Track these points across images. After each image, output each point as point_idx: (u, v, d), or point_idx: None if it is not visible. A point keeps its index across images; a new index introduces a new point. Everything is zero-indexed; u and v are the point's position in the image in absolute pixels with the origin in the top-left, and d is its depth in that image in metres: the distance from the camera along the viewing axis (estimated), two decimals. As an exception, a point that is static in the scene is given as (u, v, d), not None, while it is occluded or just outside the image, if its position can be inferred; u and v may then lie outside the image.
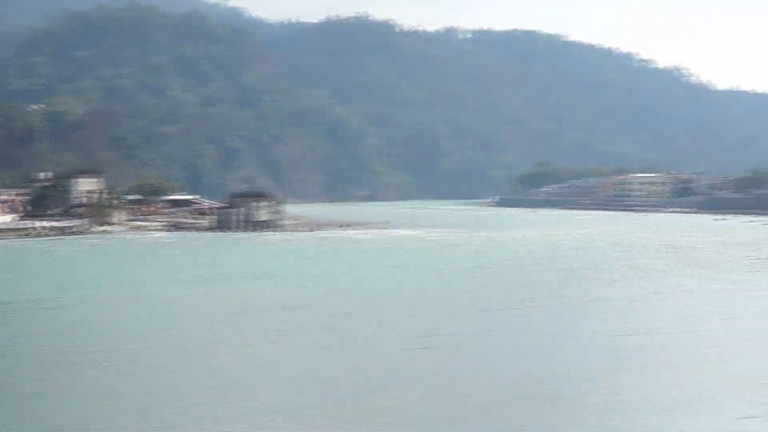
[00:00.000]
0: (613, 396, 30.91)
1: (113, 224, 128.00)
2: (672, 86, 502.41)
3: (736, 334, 43.38)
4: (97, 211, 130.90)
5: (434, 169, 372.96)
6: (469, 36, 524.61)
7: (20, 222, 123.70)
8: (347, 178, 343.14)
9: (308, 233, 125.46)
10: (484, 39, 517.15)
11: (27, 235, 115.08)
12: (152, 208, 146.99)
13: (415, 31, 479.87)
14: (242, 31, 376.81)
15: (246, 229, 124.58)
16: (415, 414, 28.80)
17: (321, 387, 31.81)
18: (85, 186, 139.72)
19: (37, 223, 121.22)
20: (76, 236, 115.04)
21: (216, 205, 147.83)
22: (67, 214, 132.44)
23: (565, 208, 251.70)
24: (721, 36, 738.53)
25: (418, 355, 38.13)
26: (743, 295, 58.58)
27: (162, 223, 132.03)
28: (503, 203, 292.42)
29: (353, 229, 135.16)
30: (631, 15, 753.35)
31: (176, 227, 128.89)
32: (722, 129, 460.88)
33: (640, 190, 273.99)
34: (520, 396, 30.93)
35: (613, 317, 48.82)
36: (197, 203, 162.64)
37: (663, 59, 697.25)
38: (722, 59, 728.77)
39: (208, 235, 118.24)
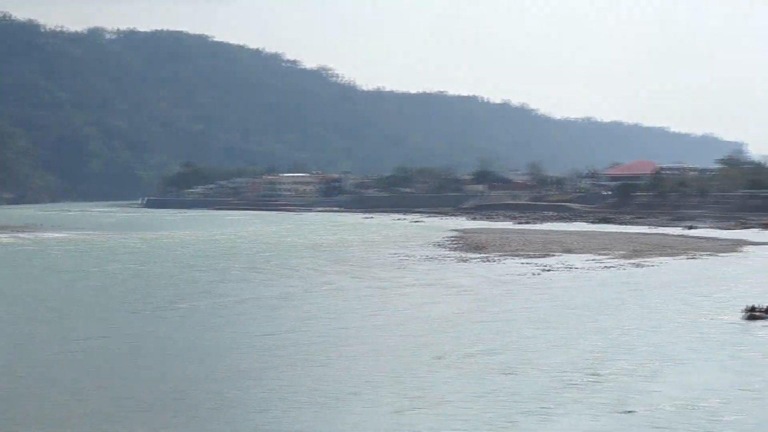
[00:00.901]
0: (271, 393, 30.72)
1: None
2: (319, 87, 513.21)
3: (385, 330, 44.04)
4: None
5: (82, 170, 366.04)
6: (114, 37, 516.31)
7: None
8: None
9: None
10: (131, 39, 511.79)
11: None
12: None
13: (60, 32, 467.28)
14: None
15: None
16: (67, 416, 27.66)
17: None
18: None
19: None
20: None
21: None
22: None
23: (215, 209, 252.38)
24: (365, 37, 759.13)
25: (71, 358, 36.71)
26: (391, 292, 59.74)
27: None
28: (151, 204, 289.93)
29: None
30: (276, 15, 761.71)
31: None
32: (369, 128, 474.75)
33: (289, 189, 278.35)
34: (176, 397, 30.30)
35: (267, 316, 48.73)
36: None
37: (309, 60, 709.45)
38: (367, 60, 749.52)
39: None
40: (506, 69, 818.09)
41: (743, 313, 46.74)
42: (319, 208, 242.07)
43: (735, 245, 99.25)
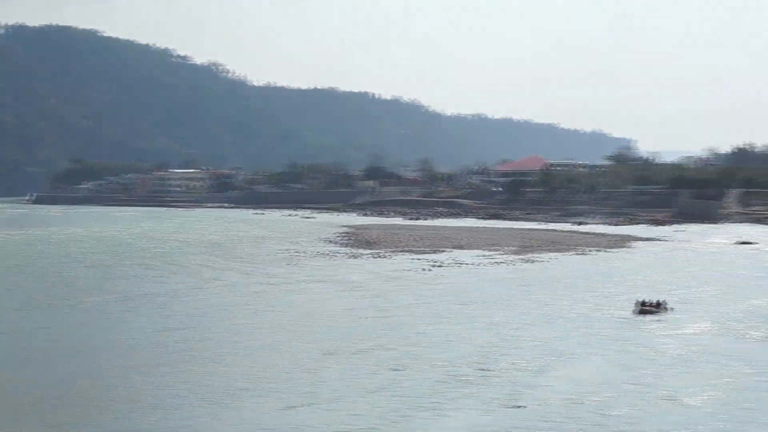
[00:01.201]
0: (163, 390, 30.69)
1: None
2: (210, 82, 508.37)
3: (277, 326, 43.94)
4: None
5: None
6: (2, 31, 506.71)
7: None
8: None
9: None
10: (19, 34, 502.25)
11: None
12: None
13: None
14: None
15: None
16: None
17: None
18: None
19: None
20: None
21: None
22: None
23: (105, 205, 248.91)
24: (256, 33, 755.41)
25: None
26: (282, 288, 59.58)
27: None
28: (40, 201, 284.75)
29: None
30: (166, 10, 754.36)
31: None
32: (261, 124, 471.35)
33: (180, 185, 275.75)
34: (66, 394, 30.12)
35: (158, 312, 48.29)
36: None
37: (200, 55, 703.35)
38: (257, 55, 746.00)
39: None
40: (397, 65, 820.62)
41: (634, 308, 47.60)
42: (210, 205, 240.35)
43: (623, 241, 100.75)
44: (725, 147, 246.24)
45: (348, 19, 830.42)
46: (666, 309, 47.76)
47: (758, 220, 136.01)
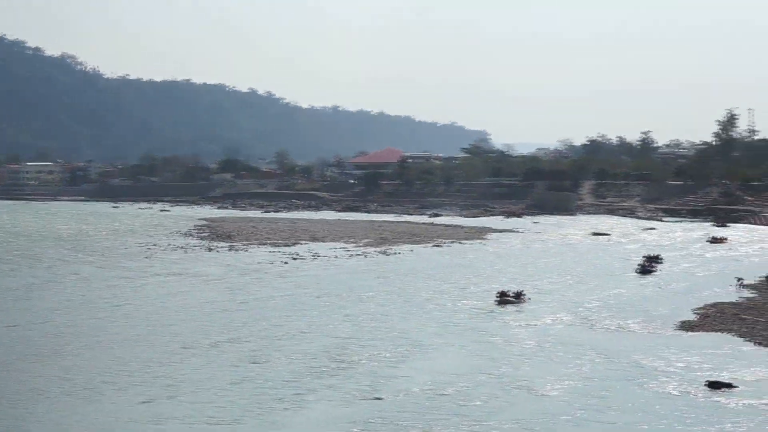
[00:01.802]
0: (21, 385, 30.32)
1: None
2: (63, 74, 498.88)
3: (134, 319, 43.60)
4: None
5: None
6: None
7: None
8: None
9: None
10: None
11: None
12: None
13: None
14: None
15: None
16: None
17: None
18: None
19: None
20: None
21: None
22: None
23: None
24: (108, 24, 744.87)
25: None
26: (139, 282, 58.95)
27: None
28: None
29: None
30: (17, 1, 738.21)
31: None
32: (115, 117, 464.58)
33: (34, 178, 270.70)
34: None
35: (12, 306, 47.54)
36: None
37: (52, 47, 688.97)
38: (110, 47, 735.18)
39: None
40: (253, 57, 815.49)
41: (495, 299, 48.33)
42: (65, 198, 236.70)
43: (479, 233, 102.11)
44: (579, 139, 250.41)
45: (202, 9, 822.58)
46: (525, 299, 48.57)
47: (611, 211, 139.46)
